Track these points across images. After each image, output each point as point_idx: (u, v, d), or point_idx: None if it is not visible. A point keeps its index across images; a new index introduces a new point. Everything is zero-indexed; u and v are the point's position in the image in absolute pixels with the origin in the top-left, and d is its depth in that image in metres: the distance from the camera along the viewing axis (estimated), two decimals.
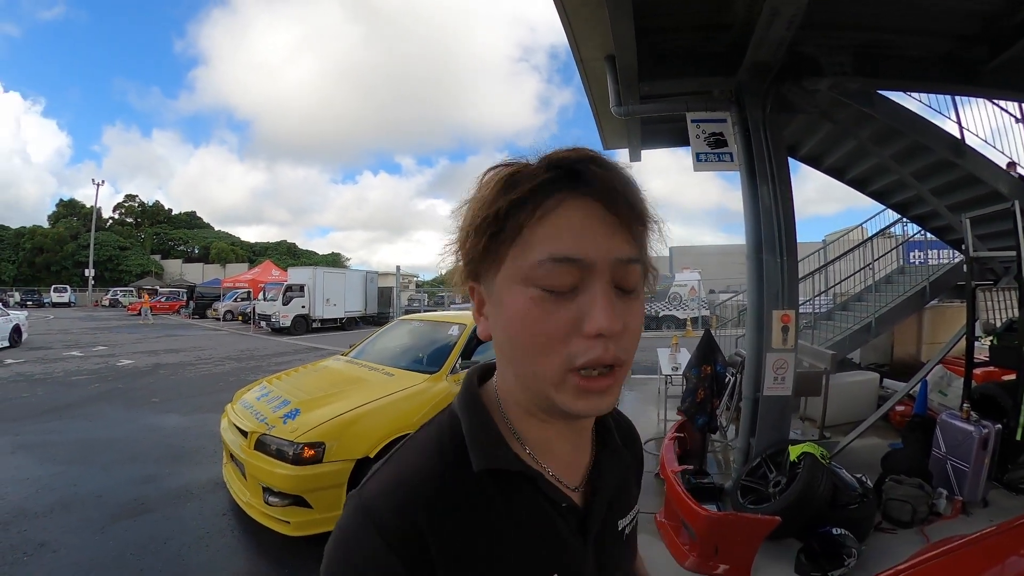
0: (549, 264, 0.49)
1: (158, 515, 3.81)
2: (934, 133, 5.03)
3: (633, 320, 0.52)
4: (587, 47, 4.25)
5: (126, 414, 6.78)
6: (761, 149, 4.01)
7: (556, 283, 0.49)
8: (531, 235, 0.50)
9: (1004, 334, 4.11)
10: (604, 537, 0.65)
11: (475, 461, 0.56)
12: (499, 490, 0.56)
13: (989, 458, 3.71)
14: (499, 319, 0.54)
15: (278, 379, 4.51)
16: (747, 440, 4.15)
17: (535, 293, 0.50)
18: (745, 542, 2.70)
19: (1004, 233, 4.90)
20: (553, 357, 0.50)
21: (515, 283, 0.51)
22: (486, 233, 0.52)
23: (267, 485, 3.24)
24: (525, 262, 0.50)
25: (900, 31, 4.16)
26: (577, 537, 0.60)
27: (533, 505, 0.57)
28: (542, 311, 0.49)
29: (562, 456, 0.62)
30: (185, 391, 8.33)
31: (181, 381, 9.28)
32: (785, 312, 3.86)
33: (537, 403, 0.55)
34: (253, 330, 20.07)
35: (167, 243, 56.97)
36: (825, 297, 8.55)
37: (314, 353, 12.35)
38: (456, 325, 4.84)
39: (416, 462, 0.57)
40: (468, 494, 0.55)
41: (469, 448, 0.57)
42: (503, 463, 0.56)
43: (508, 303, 0.52)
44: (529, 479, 0.57)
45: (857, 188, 6.68)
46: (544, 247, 0.49)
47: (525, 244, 0.50)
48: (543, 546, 0.57)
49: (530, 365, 0.52)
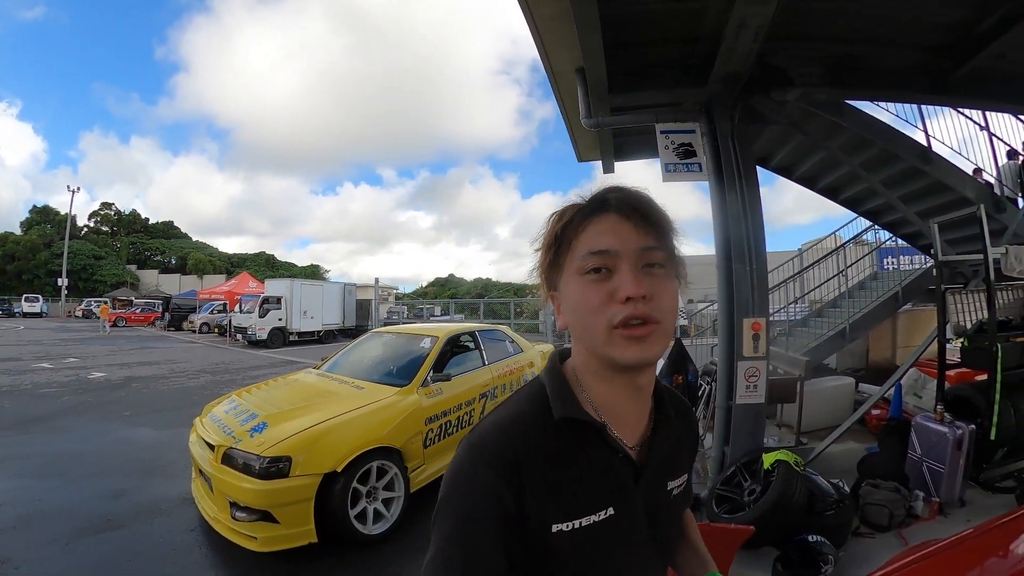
0: (588, 256, 0.72)
1: (125, 531, 3.71)
2: (902, 142, 5.14)
3: (662, 290, 0.71)
4: (558, 60, 4.26)
5: (96, 427, 6.59)
6: (730, 159, 4.04)
7: (595, 266, 0.71)
8: (577, 243, 0.74)
9: (975, 336, 4.16)
10: (655, 490, 0.83)
11: (555, 410, 0.76)
12: (573, 434, 0.75)
13: (964, 458, 3.75)
14: (567, 308, 0.76)
15: (248, 392, 4.40)
16: (721, 449, 4.14)
17: (583, 279, 0.72)
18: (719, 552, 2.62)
19: (972, 237, 5.02)
20: (599, 319, 0.70)
21: (571, 277, 0.74)
22: (551, 250, 0.77)
23: (234, 500, 3.17)
24: (575, 261, 0.74)
25: (868, 42, 4.23)
26: (631, 483, 0.78)
27: (597, 450, 0.76)
28: (588, 289, 0.72)
29: (626, 418, 0.80)
30: (158, 405, 8.11)
31: (154, 394, 9.04)
32: (755, 320, 3.88)
33: (600, 361, 0.74)
34: (229, 343, 19.69)
35: (143, 253, 55.68)
36: (801, 304, 8.67)
37: (290, 366, 12.13)
38: (428, 337, 4.80)
39: (513, 412, 0.78)
40: (550, 435, 0.75)
41: (551, 402, 0.77)
42: (575, 413, 0.75)
43: (569, 292, 0.75)
44: (595, 429, 0.76)
45: (829, 196, 6.79)
46: (585, 247, 0.73)
47: (574, 251, 0.74)
48: (603, 483, 0.76)
49: (587, 330, 0.72)
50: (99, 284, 45.77)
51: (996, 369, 3.83)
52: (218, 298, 27.37)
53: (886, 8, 3.83)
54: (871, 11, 3.85)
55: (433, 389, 4.26)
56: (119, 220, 57.57)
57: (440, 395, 4.28)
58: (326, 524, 3.24)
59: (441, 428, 4.18)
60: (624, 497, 0.77)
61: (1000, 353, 3.84)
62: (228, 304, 25.06)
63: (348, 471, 3.33)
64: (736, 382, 3.88)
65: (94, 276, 46.62)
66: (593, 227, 0.73)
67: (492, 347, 5.38)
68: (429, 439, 4.04)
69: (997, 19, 3.87)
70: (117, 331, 24.81)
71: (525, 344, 6.00)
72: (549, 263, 0.78)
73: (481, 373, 4.91)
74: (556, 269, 0.77)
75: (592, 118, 4.41)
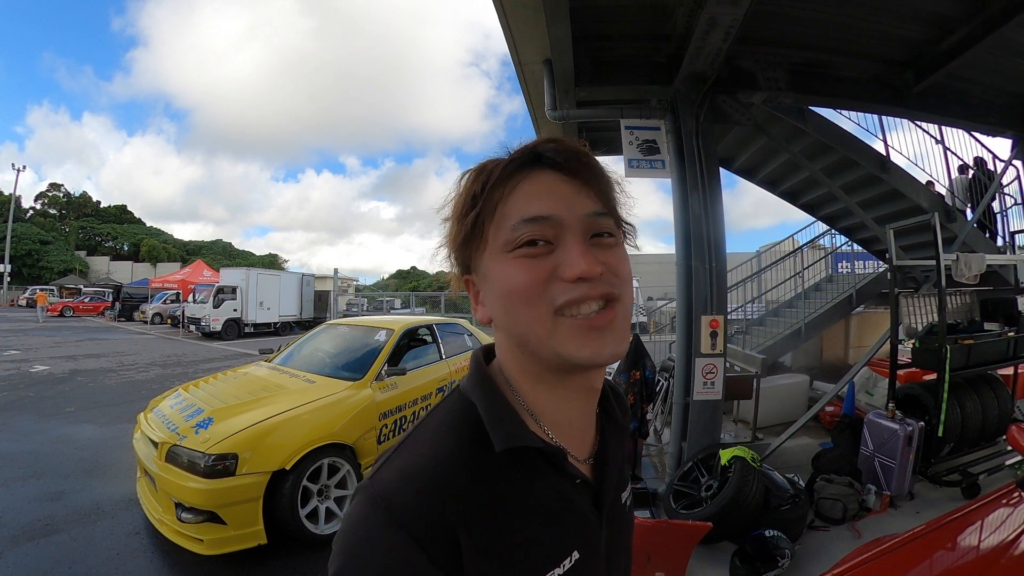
0: (522, 226, 0.54)
1: (65, 536, 3.50)
2: (862, 150, 5.32)
3: (616, 261, 0.56)
4: (526, 50, 4.23)
5: (36, 425, 6.21)
6: (693, 157, 4.08)
7: (530, 238, 0.54)
8: (504, 208, 0.56)
9: (925, 337, 4.35)
10: (613, 511, 0.66)
11: (497, 441, 0.55)
12: (520, 469, 0.56)
13: (913, 454, 3.90)
14: (490, 294, 0.58)
15: (195, 386, 4.21)
16: (679, 444, 4.20)
17: (515, 255, 0.55)
18: (677, 549, 2.69)
19: (924, 244, 5.25)
20: (538, 305, 0.53)
21: (497, 255, 0.56)
22: (467, 216, 0.57)
23: (179, 500, 3.03)
24: (502, 232, 0.55)
25: (835, 51, 4.35)
26: (593, 512, 0.61)
27: (553, 483, 0.58)
28: (522, 268, 0.54)
29: (573, 427, 0.63)
30: (104, 400, 7.71)
31: (100, 389, 8.61)
32: (714, 318, 3.93)
33: (542, 361, 0.56)
34: (182, 334, 18.97)
35: (94, 238, 52.80)
36: (758, 304, 8.89)
37: (245, 359, 11.76)
38: (383, 330, 4.69)
39: (433, 448, 0.56)
40: (492, 476, 0.54)
41: (489, 428, 0.56)
42: (524, 440, 0.56)
43: (494, 273, 0.57)
44: (549, 456, 0.57)
45: (789, 200, 6.99)
46: (517, 213, 0.55)
47: (501, 217, 0.56)
48: (564, 524, 0.58)
49: (522, 321, 0.55)
50: (46, 271, 43.32)
51: (944, 370, 4.00)
52: (171, 287, 26.18)
53: (854, 20, 3.95)
54: (840, 21, 3.96)
55: (388, 383, 4.17)
56: (68, 203, 54.52)
57: (395, 389, 4.19)
58: (276, 524, 3.14)
59: (396, 424, 4.10)
60: (588, 534, 0.60)
61: (948, 355, 4.00)
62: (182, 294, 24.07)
63: (297, 469, 3.23)
64: (693, 378, 3.93)
65: (40, 262, 44.10)
66: (525, 188, 0.56)
67: (450, 341, 5.30)
68: (384, 435, 3.95)
69: (957, 40, 4.04)
70: (64, 321, 23.63)
71: (484, 338, 5.92)
72: (464, 237, 0.58)
73: (439, 367, 4.83)
74: (473, 245, 0.59)
75: (558, 111, 4.40)
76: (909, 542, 1.86)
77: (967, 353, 4.20)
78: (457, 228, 0.59)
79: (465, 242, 0.59)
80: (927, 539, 1.88)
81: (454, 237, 0.60)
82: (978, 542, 1.89)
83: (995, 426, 4.40)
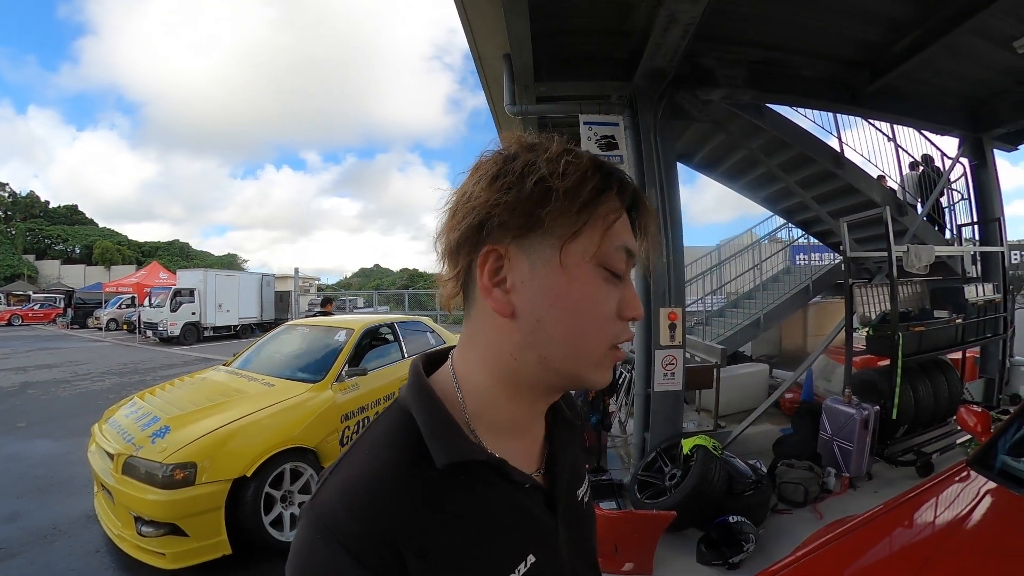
0: (624, 253, 0.55)
1: (20, 559, 3.34)
2: (818, 146, 5.51)
3: None
4: (485, 44, 4.21)
5: None
6: (651, 153, 4.14)
7: (619, 270, 0.55)
8: (616, 223, 0.54)
9: (879, 325, 4.54)
10: (570, 510, 0.65)
11: (437, 456, 0.53)
12: (464, 482, 0.54)
13: (870, 436, 4.08)
14: (550, 295, 0.53)
15: (151, 393, 4.06)
16: (642, 435, 4.28)
17: (605, 274, 0.54)
18: (644, 538, 2.74)
19: (876, 237, 5.48)
20: (604, 332, 0.55)
21: (586, 260, 0.53)
22: (579, 194, 0.51)
23: (138, 513, 2.93)
24: (610, 245, 0.53)
25: (793, 51, 4.46)
26: (547, 513, 0.60)
27: (499, 491, 0.56)
28: (605, 292, 0.54)
29: (525, 432, 0.62)
30: (58, 412, 7.38)
31: (54, 401, 8.23)
32: (672, 310, 4.01)
33: (553, 377, 0.56)
34: (139, 340, 18.23)
35: (43, 241, 50.23)
36: (718, 295, 9.11)
37: (205, 364, 11.41)
38: (343, 330, 4.61)
39: (371, 464, 0.54)
40: (433, 489, 0.52)
41: (428, 442, 0.54)
42: (465, 454, 0.54)
43: (578, 277, 0.53)
44: (493, 467, 0.56)
45: (747, 195, 7.18)
46: (622, 237, 0.55)
47: (607, 233, 0.53)
48: (516, 530, 0.57)
49: (579, 343, 0.54)
50: None
51: (897, 356, 4.19)
52: (126, 291, 25.13)
53: (811, 20, 4.06)
54: (798, 21, 4.06)
55: (349, 384, 4.12)
56: (14, 203, 51.63)
57: (356, 390, 4.14)
58: (240, 533, 3.06)
59: (359, 425, 4.04)
60: (543, 536, 0.59)
61: (901, 341, 4.20)
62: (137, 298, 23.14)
63: (259, 475, 3.16)
64: (654, 370, 3.99)
65: None
66: (625, 221, 0.56)
67: (413, 339, 5.23)
68: (346, 437, 3.89)
69: (909, 42, 4.20)
70: (12, 331, 22.47)
71: (448, 336, 5.87)
72: (536, 207, 0.51)
73: (401, 366, 4.74)
74: (540, 220, 0.51)
75: (517, 106, 4.41)
76: (869, 522, 1.94)
77: (919, 339, 4.41)
78: (539, 194, 0.51)
79: (534, 207, 0.51)
80: (885, 518, 1.97)
81: (516, 198, 0.51)
82: (933, 519, 2.00)
83: (946, 408, 4.62)
